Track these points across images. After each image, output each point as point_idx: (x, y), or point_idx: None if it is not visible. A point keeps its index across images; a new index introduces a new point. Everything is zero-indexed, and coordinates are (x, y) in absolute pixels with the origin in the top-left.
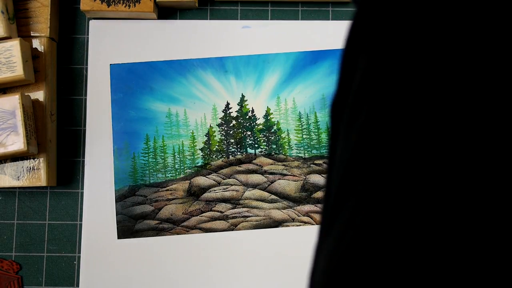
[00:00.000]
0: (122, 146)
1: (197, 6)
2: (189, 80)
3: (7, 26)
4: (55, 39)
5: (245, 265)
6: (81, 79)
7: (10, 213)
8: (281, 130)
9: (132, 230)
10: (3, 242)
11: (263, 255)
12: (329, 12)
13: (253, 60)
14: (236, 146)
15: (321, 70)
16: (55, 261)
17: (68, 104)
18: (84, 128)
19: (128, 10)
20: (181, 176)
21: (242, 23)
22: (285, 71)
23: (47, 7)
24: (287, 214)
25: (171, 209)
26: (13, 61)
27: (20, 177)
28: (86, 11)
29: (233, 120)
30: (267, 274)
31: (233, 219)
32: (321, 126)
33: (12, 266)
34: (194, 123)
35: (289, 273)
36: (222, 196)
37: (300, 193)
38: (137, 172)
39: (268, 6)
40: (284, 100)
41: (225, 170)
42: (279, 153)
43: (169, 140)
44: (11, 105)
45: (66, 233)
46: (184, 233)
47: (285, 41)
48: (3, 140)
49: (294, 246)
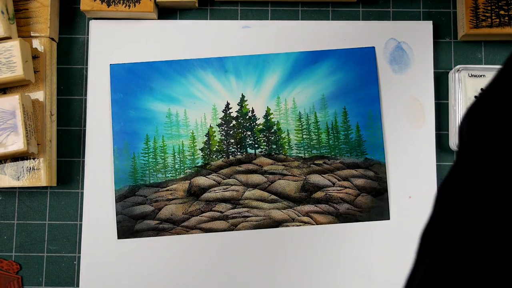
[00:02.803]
0: (122, 146)
1: (197, 6)
2: (189, 80)
3: (7, 26)
4: (55, 39)
5: (245, 265)
6: (81, 79)
7: (10, 213)
8: (281, 130)
9: (132, 230)
10: (3, 242)
11: (263, 255)
12: (329, 12)
13: (253, 60)
14: (236, 146)
15: (321, 70)
16: (55, 261)
17: (68, 104)
18: (84, 128)
19: (128, 10)
20: (181, 176)
21: (242, 23)
22: (285, 71)
23: (47, 7)
24: (287, 214)
25: (171, 209)
26: (13, 61)
27: (20, 177)
28: (86, 11)
29: (233, 120)
30: (267, 274)
31: (233, 219)
32: (321, 126)
33: (12, 266)
34: (194, 123)
35: (289, 273)
36: (222, 196)
37: (300, 193)
38: (137, 172)
39: (268, 6)
40: (284, 100)
41: (225, 170)
42: (279, 153)
43: (169, 140)
44: (11, 105)
45: (66, 233)
46: (184, 233)
47: (285, 41)
48: (3, 140)
49: (294, 246)
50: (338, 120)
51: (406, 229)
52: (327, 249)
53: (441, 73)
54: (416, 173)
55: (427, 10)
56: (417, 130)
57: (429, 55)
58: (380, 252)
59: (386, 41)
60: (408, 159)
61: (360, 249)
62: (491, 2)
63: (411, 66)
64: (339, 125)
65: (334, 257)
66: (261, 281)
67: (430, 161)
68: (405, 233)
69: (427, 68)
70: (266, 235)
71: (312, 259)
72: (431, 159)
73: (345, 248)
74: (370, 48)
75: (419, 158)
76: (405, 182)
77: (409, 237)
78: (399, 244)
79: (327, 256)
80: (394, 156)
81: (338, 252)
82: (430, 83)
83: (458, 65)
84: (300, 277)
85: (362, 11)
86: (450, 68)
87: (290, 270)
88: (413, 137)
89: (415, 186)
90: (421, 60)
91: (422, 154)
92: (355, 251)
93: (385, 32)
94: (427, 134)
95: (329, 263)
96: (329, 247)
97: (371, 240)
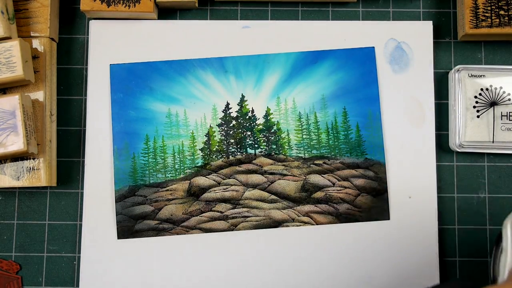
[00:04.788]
0: (122, 146)
1: (197, 6)
2: (189, 80)
3: (7, 26)
4: (55, 39)
5: (245, 265)
6: (81, 79)
7: (10, 213)
8: (281, 130)
9: (132, 230)
10: (3, 242)
11: (263, 255)
12: (329, 12)
13: (253, 60)
14: (236, 146)
15: (321, 70)
16: (55, 261)
17: (68, 104)
18: (84, 128)
19: (128, 10)
20: (181, 176)
21: (242, 23)
22: (285, 71)
23: (47, 7)
24: (287, 214)
25: (171, 209)
26: (13, 61)
27: (20, 177)
28: (86, 11)
29: (233, 120)
30: (267, 274)
31: (233, 219)
32: (321, 126)
33: (12, 266)
34: (194, 123)
35: (289, 273)
36: (222, 196)
37: (300, 193)
38: (137, 172)
39: (268, 6)
40: (284, 100)
41: (225, 170)
42: (279, 153)
43: (169, 140)
44: (11, 105)
45: (66, 233)
46: (184, 233)
47: (285, 41)
48: (3, 140)
49: (294, 246)
50: (338, 120)
51: (406, 229)
52: (327, 249)
53: (441, 73)
54: (416, 173)
55: (427, 10)
56: (417, 130)
57: (429, 55)
58: (380, 252)
59: (386, 41)
60: (408, 159)
61: (360, 249)
62: (491, 2)
63: (411, 66)
64: (339, 125)
65: (334, 257)
66: (261, 281)
67: (430, 161)
68: (405, 233)
69: (427, 68)
70: (266, 235)
71: (312, 259)
72: (431, 159)
73: (345, 248)
74: (370, 48)
75: (419, 158)
76: (405, 182)
77: (409, 237)
78: (399, 244)
79: (327, 256)
80: (394, 156)
81: (338, 252)
82: (430, 83)
83: (458, 65)
84: (300, 277)
85: (362, 11)
86: (450, 68)
87: (290, 270)
88: (413, 137)
89: (415, 186)
90: (421, 60)
91: (422, 154)
92: (355, 251)
93: (385, 32)
94: (427, 134)
95: (329, 263)
96: (329, 247)
97: (371, 240)
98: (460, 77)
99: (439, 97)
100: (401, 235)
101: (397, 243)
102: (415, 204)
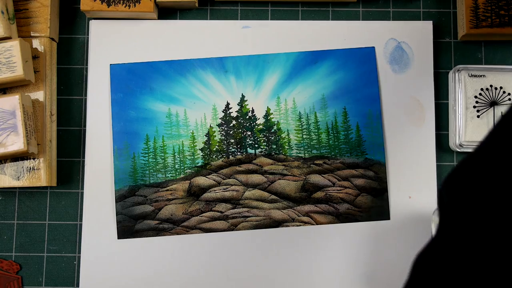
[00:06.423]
0: (122, 146)
1: (197, 6)
2: (189, 80)
3: (7, 26)
4: (55, 39)
5: (245, 265)
6: (81, 79)
7: (10, 213)
8: (281, 130)
9: (132, 230)
10: (3, 242)
11: (263, 255)
12: (329, 12)
13: (253, 60)
14: (236, 146)
15: (321, 70)
16: (55, 261)
17: (68, 104)
18: (84, 128)
19: (128, 10)
20: (181, 176)
21: (242, 23)
22: (285, 71)
23: (47, 7)
24: (287, 214)
25: (171, 209)
26: (13, 61)
27: (20, 177)
28: (86, 11)
29: (233, 120)
30: (267, 274)
31: (233, 219)
32: (321, 126)
33: (12, 266)
34: (194, 123)
35: (289, 273)
36: (222, 196)
37: (300, 193)
38: (137, 172)
39: (268, 6)
40: (284, 100)
41: (225, 170)
42: (279, 153)
43: (169, 140)
44: (11, 105)
45: (66, 233)
46: (184, 233)
47: (285, 41)
48: (3, 140)
49: (294, 246)
50: (338, 120)
51: (406, 229)
52: (327, 249)
53: (441, 73)
54: (416, 173)
55: (427, 10)
56: (417, 130)
57: (429, 55)
58: (380, 252)
59: (386, 41)
60: (408, 159)
61: (360, 249)
62: (491, 2)
63: (411, 66)
64: (339, 125)
65: (334, 257)
66: (261, 281)
67: (430, 161)
68: (405, 233)
69: (427, 68)
70: (266, 235)
71: (312, 259)
72: (431, 159)
73: (345, 248)
74: (370, 48)
75: (419, 158)
76: (405, 182)
77: (409, 237)
78: (399, 244)
79: (327, 256)
80: (394, 156)
81: (338, 252)
82: (430, 83)
83: (458, 65)
84: (300, 277)
85: (362, 11)
86: (450, 68)
87: (290, 270)
88: (413, 137)
89: (415, 186)
90: (421, 60)
91: (422, 154)
92: (355, 251)
93: (385, 32)
94: (427, 134)
95: (329, 263)
96: (329, 247)
97: (371, 240)
98: (460, 77)
99: (439, 97)
100: (401, 235)
101: (397, 243)
102: (415, 204)
